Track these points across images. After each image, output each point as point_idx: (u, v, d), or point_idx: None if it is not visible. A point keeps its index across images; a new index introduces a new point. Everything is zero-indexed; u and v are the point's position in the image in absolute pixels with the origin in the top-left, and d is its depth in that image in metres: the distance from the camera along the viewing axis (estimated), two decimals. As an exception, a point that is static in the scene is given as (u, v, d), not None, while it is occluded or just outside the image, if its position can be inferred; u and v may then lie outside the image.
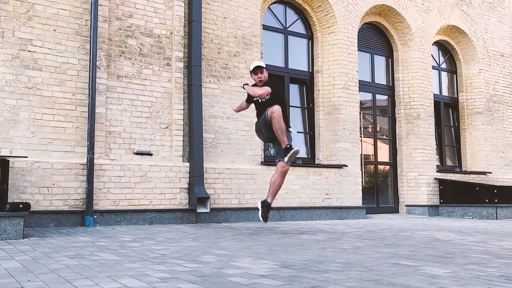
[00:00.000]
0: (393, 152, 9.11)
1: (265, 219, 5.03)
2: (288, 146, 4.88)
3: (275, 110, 4.76)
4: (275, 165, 5.10)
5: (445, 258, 3.34)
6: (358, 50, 8.41)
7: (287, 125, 5.04)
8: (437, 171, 9.08)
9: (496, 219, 7.95)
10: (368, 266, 2.91)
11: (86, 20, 5.74)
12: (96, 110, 5.66)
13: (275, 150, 5.21)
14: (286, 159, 4.88)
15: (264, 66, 5.08)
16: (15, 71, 5.32)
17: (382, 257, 3.32)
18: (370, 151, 8.97)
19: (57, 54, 5.56)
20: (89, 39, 5.70)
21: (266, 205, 5.01)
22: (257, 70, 5.05)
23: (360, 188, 7.94)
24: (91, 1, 5.70)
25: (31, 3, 5.45)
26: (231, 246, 3.90)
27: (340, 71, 7.95)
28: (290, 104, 7.85)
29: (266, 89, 4.90)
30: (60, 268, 2.72)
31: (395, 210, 9.01)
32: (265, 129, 4.99)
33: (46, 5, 5.54)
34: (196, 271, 2.69)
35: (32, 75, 5.40)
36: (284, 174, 4.97)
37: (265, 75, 5.08)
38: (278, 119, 4.76)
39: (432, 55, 9.63)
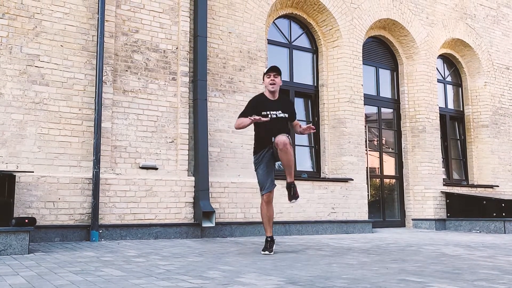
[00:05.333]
0: (399, 165, 9.07)
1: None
2: (293, 184, 4.62)
3: (282, 143, 4.36)
4: (278, 179, 4.99)
5: (453, 274, 3.29)
6: (363, 63, 8.43)
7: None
8: (444, 185, 9.02)
9: (504, 233, 7.86)
10: (375, 282, 2.88)
11: (93, 35, 5.80)
12: (102, 125, 5.69)
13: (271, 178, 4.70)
14: (292, 199, 4.63)
15: (281, 71, 4.79)
16: (22, 86, 5.37)
17: (389, 273, 3.28)
18: (376, 165, 8.93)
19: (64, 69, 5.61)
20: (95, 54, 5.75)
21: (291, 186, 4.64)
22: (271, 72, 4.71)
23: (366, 202, 7.89)
24: (98, 17, 5.77)
25: (38, 19, 5.52)
26: (236, 261, 3.87)
27: (345, 84, 7.97)
28: (295, 118, 7.84)
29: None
30: (65, 284, 2.71)
31: (401, 224, 8.94)
32: (273, 161, 4.67)
33: (53, 21, 5.60)
34: (201, 287, 2.67)
35: (39, 90, 5.45)
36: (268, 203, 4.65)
37: (278, 81, 4.74)
38: (288, 153, 4.41)
39: (437, 68, 9.63)
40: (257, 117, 4.47)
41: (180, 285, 2.72)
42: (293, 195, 4.66)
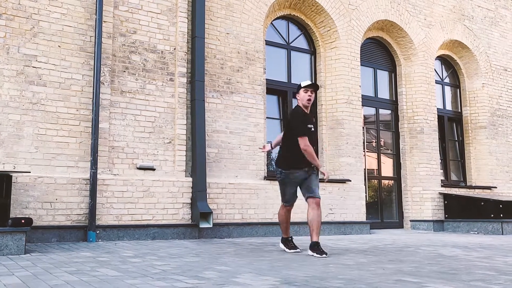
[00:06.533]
0: (397, 166, 9.07)
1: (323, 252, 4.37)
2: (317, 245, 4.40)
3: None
4: (276, 180, 4.99)
5: (450, 274, 3.29)
6: (361, 65, 8.44)
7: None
8: (442, 186, 9.02)
9: (502, 234, 7.87)
10: (371, 283, 2.88)
11: (91, 36, 5.80)
12: (100, 125, 5.69)
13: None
14: (312, 253, 4.37)
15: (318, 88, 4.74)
16: (20, 86, 5.37)
17: (385, 274, 3.28)
18: (374, 166, 8.93)
19: (62, 70, 5.61)
20: (93, 55, 5.75)
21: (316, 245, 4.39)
22: (311, 87, 4.59)
23: (364, 203, 7.89)
24: (96, 18, 5.77)
25: (36, 20, 5.52)
26: (233, 262, 3.87)
27: (343, 86, 7.97)
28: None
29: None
30: (60, 284, 2.71)
31: (399, 225, 8.93)
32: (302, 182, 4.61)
33: (51, 22, 5.60)
34: (197, 287, 2.67)
35: (36, 91, 5.44)
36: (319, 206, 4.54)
37: (314, 96, 4.67)
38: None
39: (435, 70, 9.64)
40: (265, 149, 4.86)
41: (175, 285, 2.72)
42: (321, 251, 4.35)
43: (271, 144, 5.13)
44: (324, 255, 4.27)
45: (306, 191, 4.59)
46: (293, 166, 4.60)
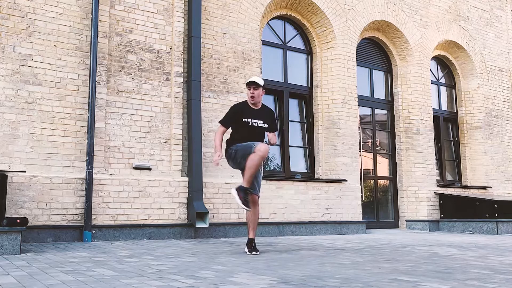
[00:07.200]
0: (393, 166, 9.10)
1: (247, 203, 4.46)
2: (248, 190, 4.48)
3: (264, 151, 4.45)
4: (272, 180, 5.01)
5: (445, 273, 3.31)
6: (357, 65, 8.45)
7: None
8: (437, 186, 9.05)
9: (497, 234, 7.90)
10: (367, 282, 2.88)
11: (87, 35, 5.79)
12: (96, 125, 5.67)
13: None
14: (235, 192, 4.44)
15: (261, 84, 4.79)
16: (15, 86, 5.34)
17: (381, 273, 3.29)
18: (370, 166, 8.95)
19: (57, 69, 5.59)
20: (89, 54, 5.74)
21: (242, 189, 4.47)
22: (250, 84, 4.80)
23: (360, 202, 7.90)
24: (92, 17, 5.76)
25: (32, 19, 5.50)
26: (229, 261, 3.87)
27: (339, 86, 7.98)
28: (290, 119, 7.87)
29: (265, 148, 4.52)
30: (56, 284, 2.70)
31: (395, 225, 8.96)
32: (243, 159, 4.58)
33: (47, 21, 5.58)
34: (193, 287, 2.67)
35: (32, 90, 5.42)
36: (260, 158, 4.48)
37: (258, 92, 4.77)
38: (260, 161, 4.49)
39: (431, 70, 9.67)
40: (216, 159, 4.68)
41: (172, 285, 2.71)
42: (244, 199, 4.46)
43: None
44: (254, 252, 4.48)
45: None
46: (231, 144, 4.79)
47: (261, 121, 4.80)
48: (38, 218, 5.23)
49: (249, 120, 4.76)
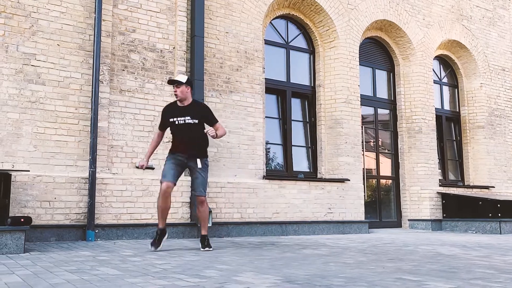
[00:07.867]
0: (396, 166, 9.08)
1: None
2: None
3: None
4: (275, 179, 5.03)
5: (449, 273, 3.30)
6: (360, 64, 8.44)
7: (205, 151, 4.88)
8: (440, 185, 9.04)
9: (500, 233, 7.89)
10: (372, 281, 2.88)
11: (90, 35, 5.79)
12: (99, 124, 5.68)
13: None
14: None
15: (182, 81, 4.74)
16: (19, 85, 5.35)
17: (385, 272, 3.29)
18: (372, 165, 8.94)
19: (61, 68, 5.60)
20: (92, 53, 5.74)
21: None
22: (170, 84, 4.90)
23: (363, 202, 7.90)
24: (95, 16, 5.76)
25: (35, 18, 5.51)
26: (233, 260, 3.87)
27: (342, 85, 7.98)
28: (292, 119, 7.86)
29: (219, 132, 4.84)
30: (61, 283, 2.70)
31: (397, 224, 8.95)
32: (181, 168, 4.82)
33: (50, 20, 5.59)
34: (198, 286, 2.67)
35: (35, 89, 5.43)
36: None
37: (181, 90, 4.74)
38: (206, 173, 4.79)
39: (433, 70, 9.66)
40: (141, 165, 4.90)
41: (177, 284, 2.71)
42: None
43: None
44: (207, 248, 4.65)
45: (192, 188, 4.90)
46: (172, 151, 4.88)
47: (188, 117, 4.76)
48: (41, 217, 5.24)
49: (174, 119, 4.80)
